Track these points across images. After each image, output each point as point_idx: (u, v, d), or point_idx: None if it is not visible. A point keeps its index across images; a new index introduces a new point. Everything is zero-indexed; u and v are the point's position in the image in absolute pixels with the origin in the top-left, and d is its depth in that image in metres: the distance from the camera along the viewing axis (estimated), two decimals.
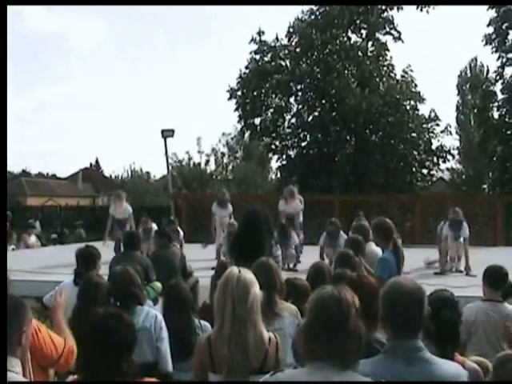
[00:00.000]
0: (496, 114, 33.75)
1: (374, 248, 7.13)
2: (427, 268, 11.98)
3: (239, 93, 32.74)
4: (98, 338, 2.89)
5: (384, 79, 31.92)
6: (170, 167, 27.79)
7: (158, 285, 6.94)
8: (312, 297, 2.78)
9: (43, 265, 11.81)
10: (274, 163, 37.13)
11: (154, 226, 12.96)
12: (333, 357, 2.61)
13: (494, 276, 5.71)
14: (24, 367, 3.43)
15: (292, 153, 33.19)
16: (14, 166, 77.10)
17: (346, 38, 32.25)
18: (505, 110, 32.00)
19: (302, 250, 12.70)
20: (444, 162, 32.48)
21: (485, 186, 39.32)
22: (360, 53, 32.15)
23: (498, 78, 32.72)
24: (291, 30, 32.73)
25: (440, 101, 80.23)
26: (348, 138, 31.25)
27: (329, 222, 11.57)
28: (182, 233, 12.97)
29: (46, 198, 39.44)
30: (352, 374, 2.63)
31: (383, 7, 31.77)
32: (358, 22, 32.35)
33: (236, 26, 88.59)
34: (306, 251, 12.69)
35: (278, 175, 36.30)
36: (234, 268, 3.69)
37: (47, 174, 71.06)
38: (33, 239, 18.00)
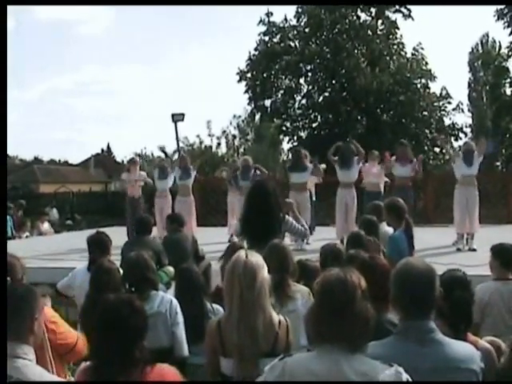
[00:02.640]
0: (508, 91, 33.63)
1: (386, 228, 7.11)
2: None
3: (249, 75, 32.67)
4: (108, 325, 2.89)
5: (394, 58, 31.77)
6: (182, 151, 27.81)
7: (171, 269, 6.94)
8: (318, 279, 2.78)
9: (57, 251, 11.88)
10: (286, 145, 37.13)
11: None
12: (341, 340, 2.61)
13: (505, 254, 5.66)
14: (44, 355, 3.46)
15: (303, 134, 33.17)
16: (26, 153, 77.54)
17: (355, 17, 32.06)
18: None
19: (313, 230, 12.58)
20: (456, 139, 32.33)
21: (498, 164, 39.10)
22: (370, 31, 31.97)
23: (510, 53, 32.50)
24: (300, 10, 32.57)
25: (451, 78, 79.68)
26: (359, 117, 31.15)
27: (345, 145, 12.23)
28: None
29: (59, 185, 39.53)
30: (361, 358, 2.63)
31: None
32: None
33: (244, 8, 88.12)
34: (317, 232, 12.68)
35: (290, 157, 36.24)
36: (241, 252, 3.68)
37: (59, 160, 71.33)
38: (46, 226, 18.11)
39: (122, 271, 5.44)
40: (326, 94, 32.25)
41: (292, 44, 32.78)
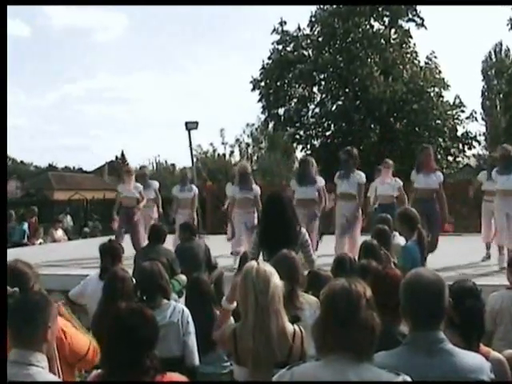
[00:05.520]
0: None
1: (398, 239, 7.10)
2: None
3: (262, 83, 32.73)
4: (119, 335, 2.91)
5: (407, 66, 31.71)
6: (195, 159, 27.86)
7: (183, 278, 6.96)
8: (324, 290, 2.81)
9: (70, 258, 11.91)
10: (299, 153, 37.09)
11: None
12: (347, 349, 2.63)
13: None
14: (52, 364, 3.47)
15: (316, 142, 33.18)
16: (40, 160, 78.10)
17: (368, 26, 32.11)
18: None
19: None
20: (470, 148, 32.28)
21: None
22: (383, 40, 31.98)
23: None
24: (313, 19, 32.66)
25: (465, 87, 79.66)
26: (372, 126, 31.09)
27: (343, 150, 10.70)
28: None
29: (73, 192, 39.66)
30: (368, 367, 2.65)
31: None
32: (380, 9, 32.13)
33: (258, 17, 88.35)
34: (329, 241, 12.61)
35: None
36: (252, 261, 3.73)
37: (73, 167, 71.66)
38: (59, 233, 18.17)
39: (134, 280, 5.47)
40: (340, 103, 32.26)
41: (305, 53, 32.82)
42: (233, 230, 11.15)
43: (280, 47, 32.85)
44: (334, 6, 32.07)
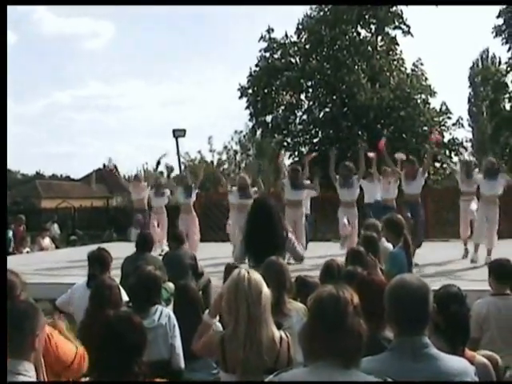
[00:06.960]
0: (508, 106, 33.63)
1: (386, 245, 7.13)
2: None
3: (250, 91, 32.79)
4: (108, 341, 2.93)
5: (394, 73, 31.90)
6: (183, 166, 27.86)
7: (171, 285, 6.97)
8: (311, 296, 2.82)
9: (57, 267, 11.87)
10: (287, 160, 37.11)
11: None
12: (334, 356, 2.63)
13: (500, 270, 5.68)
14: (38, 373, 3.46)
15: (304, 149, 33.20)
16: (27, 168, 77.79)
17: (355, 34, 32.27)
18: None
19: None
20: (456, 154, 32.40)
21: None
22: (370, 48, 32.17)
23: (508, 69, 32.61)
24: (300, 26, 32.80)
25: (452, 93, 79.98)
26: (360, 133, 31.15)
27: (343, 165, 12.36)
28: None
29: (60, 200, 39.51)
30: (356, 373, 2.65)
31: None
32: (366, 16, 32.32)
33: (245, 24, 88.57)
34: (318, 247, 12.66)
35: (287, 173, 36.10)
36: (241, 269, 3.72)
37: (61, 175, 71.35)
38: (47, 242, 18.08)
39: (121, 287, 5.49)
40: (327, 110, 32.35)
41: (293, 60, 32.93)
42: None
43: (267, 55, 32.94)
44: (321, 14, 32.23)
